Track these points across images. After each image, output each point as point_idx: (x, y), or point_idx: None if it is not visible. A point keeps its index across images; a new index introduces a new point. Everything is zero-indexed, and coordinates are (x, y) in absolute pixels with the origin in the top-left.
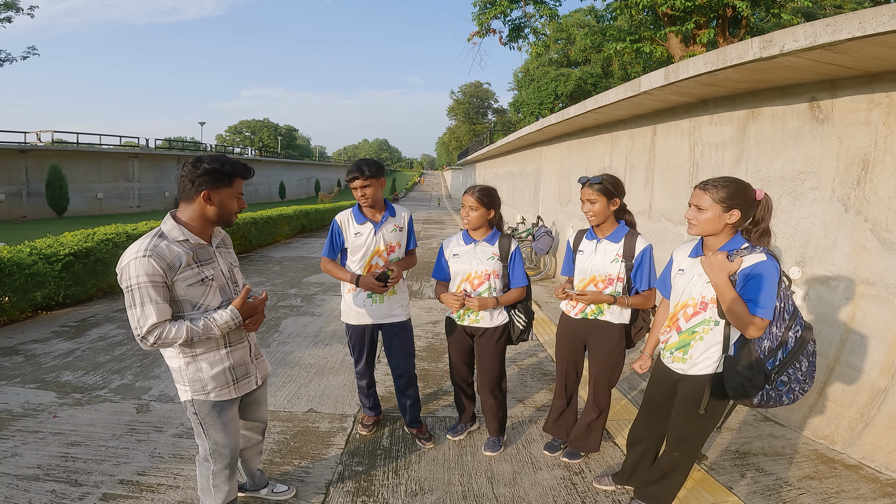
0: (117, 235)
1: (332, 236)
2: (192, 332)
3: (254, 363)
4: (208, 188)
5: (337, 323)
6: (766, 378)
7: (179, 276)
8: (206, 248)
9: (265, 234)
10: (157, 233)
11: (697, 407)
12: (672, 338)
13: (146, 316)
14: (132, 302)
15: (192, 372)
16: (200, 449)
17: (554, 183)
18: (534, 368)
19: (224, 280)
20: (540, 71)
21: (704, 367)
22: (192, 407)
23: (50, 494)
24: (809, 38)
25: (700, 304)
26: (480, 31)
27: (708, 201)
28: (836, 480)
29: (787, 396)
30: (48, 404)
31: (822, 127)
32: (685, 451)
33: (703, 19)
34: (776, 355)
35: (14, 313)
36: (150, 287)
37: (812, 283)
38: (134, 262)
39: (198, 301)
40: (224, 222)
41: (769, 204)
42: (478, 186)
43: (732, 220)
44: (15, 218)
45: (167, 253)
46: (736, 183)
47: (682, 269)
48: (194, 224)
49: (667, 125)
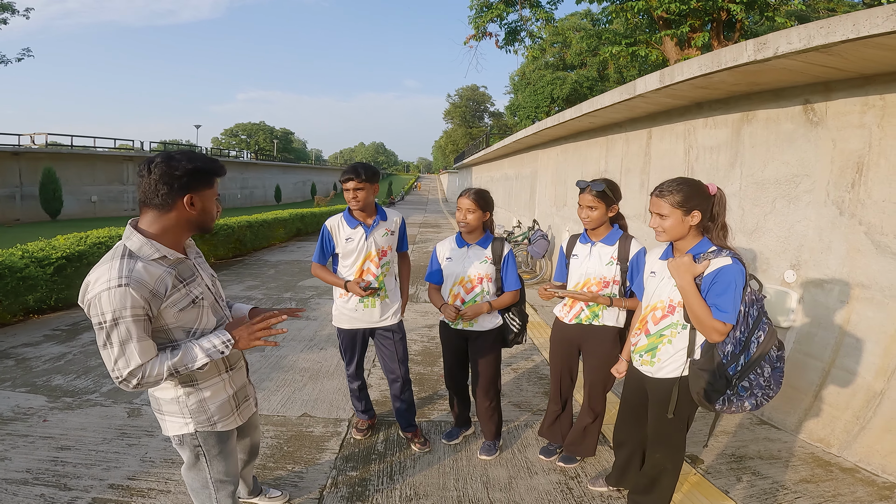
0: (110, 239)
1: (322, 241)
2: (175, 366)
3: (251, 384)
4: (192, 191)
5: (332, 327)
6: (727, 383)
7: (167, 301)
8: (185, 262)
9: (260, 237)
10: (124, 252)
11: (665, 409)
12: (641, 341)
13: (128, 358)
14: (106, 341)
15: (195, 403)
16: (196, 480)
17: (550, 186)
18: (529, 372)
19: (212, 296)
20: (536, 74)
21: (671, 370)
22: (196, 440)
23: (39, 499)
24: (803, 41)
25: (668, 308)
26: (477, 34)
27: (667, 207)
28: (833, 484)
29: (749, 402)
30: (38, 408)
31: (816, 130)
32: (665, 452)
33: (698, 23)
34: (738, 360)
35: (5, 317)
36: (129, 323)
37: (807, 286)
38: (107, 294)
39: (192, 326)
40: (204, 229)
41: (723, 198)
42: (473, 188)
43: (695, 222)
44: (8, 221)
45: (147, 278)
46: (689, 183)
47: (654, 271)
48: (167, 236)
49: (662, 128)
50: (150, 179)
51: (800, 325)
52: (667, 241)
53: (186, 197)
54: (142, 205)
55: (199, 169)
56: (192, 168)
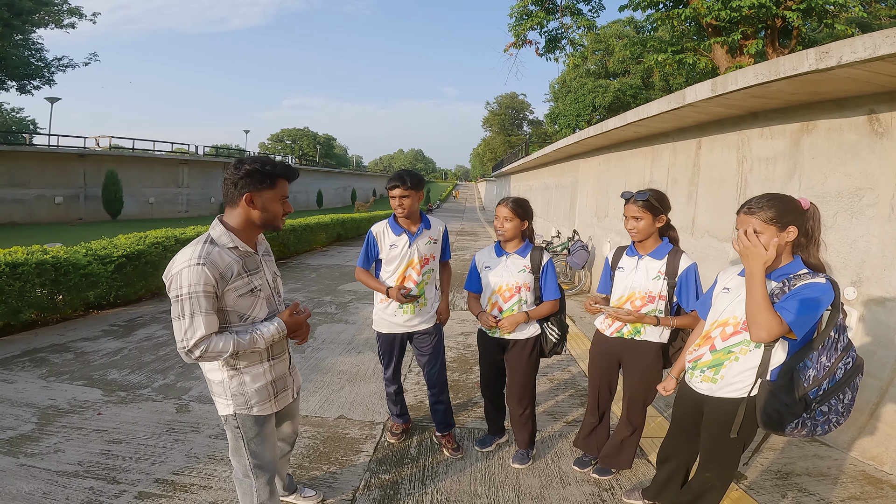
0: (167, 239)
1: (367, 247)
2: (238, 346)
3: (291, 376)
4: (250, 191)
5: (370, 331)
6: (805, 406)
7: (231, 286)
8: (253, 256)
9: (303, 241)
10: (208, 239)
11: (724, 428)
12: (704, 356)
13: (195, 328)
14: (181, 312)
15: (236, 385)
16: (238, 467)
17: (591, 196)
18: (566, 383)
19: (269, 290)
20: (577, 82)
21: (734, 389)
22: (236, 421)
23: (87, 491)
24: (869, 50)
25: (742, 324)
26: (517, 42)
27: (759, 224)
28: (883, 501)
29: (822, 427)
30: (94, 401)
31: (881, 141)
32: (716, 471)
33: (751, 30)
34: (821, 384)
35: (67, 311)
36: (201, 297)
37: (868, 304)
38: (187, 270)
39: (245, 312)
40: (270, 227)
41: (817, 213)
42: (511, 197)
43: (791, 238)
44: (71, 220)
45: (220, 261)
46: (780, 198)
47: (728, 287)
48: (240, 230)
49: (712, 138)
50: (225, 179)
51: (859, 343)
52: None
53: (246, 196)
54: (223, 202)
55: (257, 171)
56: (249, 170)
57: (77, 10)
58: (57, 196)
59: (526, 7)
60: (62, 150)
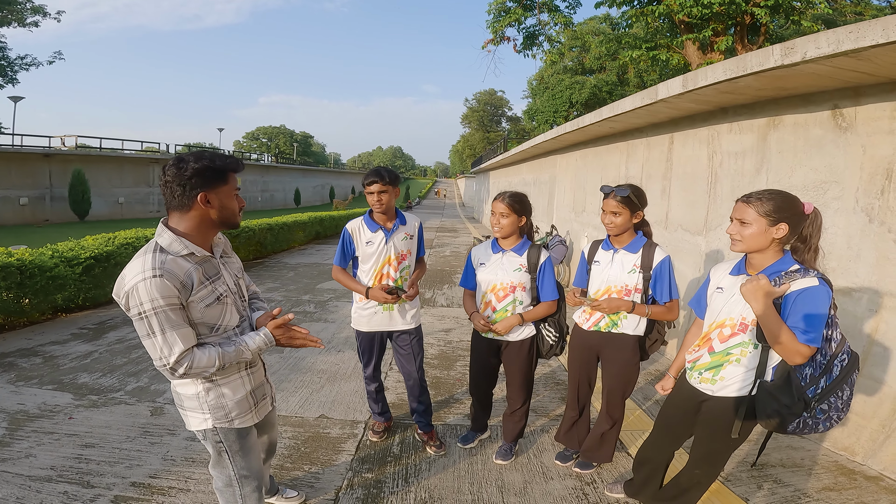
0: (136, 240)
1: (343, 244)
2: (224, 359)
3: (268, 383)
4: (204, 190)
5: (350, 329)
6: (805, 406)
7: (194, 296)
8: (211, 261)
9: (280, 240)
10: (156, 248)
11: (723, 428)
12: (703, 358)
13: (171, 344)
14: (149, 330)
15: (214, 398)
16: (221, 477)
17: (568, 192)
18: (546, 378)
19: (234, 295)
20: (554, 79)
21: (735, 389)
22: (217, 436)
23: (62, 496)
24: (832, 45)
25: (739, 325)
26: (495, 38)
27: (752, 215)
28: (856, 492)
29: (824, 425)
30: (64, 406)
31: (845, 135)
32: (706, 469)
33: (721, 27)
34: (818, 383)
35: (34, 315)
36: (167, 311)
37: (835, 294)
38: (143, 284)
39: (215, 322)
40: (228, 224)
41: (818, 219)
42: (508, 192)
43: (779, 235)
44: (38, 221)
45: (177, 270)
46: (783, 195)
47: (721, 287)
48: (195, 233)
49: (684, 133)
50: (166, 183)
51: None
52: (742, 251)
53: (200, 195)
54: (166, 207)
55: (208, 167)
56: (199, 167)
57: (41, 9)
58: (22, 197)
59: (504, 3)
60: (26, 150)
